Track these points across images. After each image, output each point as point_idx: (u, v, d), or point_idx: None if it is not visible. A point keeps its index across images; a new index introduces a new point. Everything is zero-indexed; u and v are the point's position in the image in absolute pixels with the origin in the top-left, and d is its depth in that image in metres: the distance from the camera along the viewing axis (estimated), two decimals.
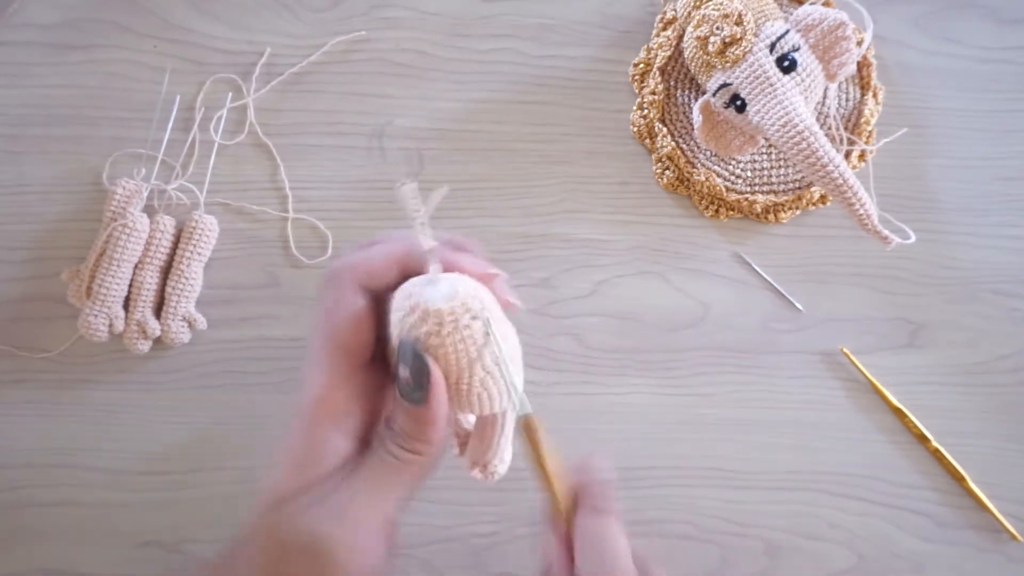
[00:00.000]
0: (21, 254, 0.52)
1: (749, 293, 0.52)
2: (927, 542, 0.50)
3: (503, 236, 0.53)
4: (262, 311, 0.52)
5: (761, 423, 0.51)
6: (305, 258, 0.52)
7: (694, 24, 0.48)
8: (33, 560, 0.50)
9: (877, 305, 0.52)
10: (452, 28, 0.54)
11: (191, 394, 0.51)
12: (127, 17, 0.54)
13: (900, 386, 0.51)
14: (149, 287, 0.50)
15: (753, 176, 0.52)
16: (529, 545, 0.50)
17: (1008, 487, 0.50)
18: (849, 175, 0.45)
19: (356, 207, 0.53)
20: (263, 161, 0.53)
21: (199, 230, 0.50)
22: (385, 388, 0.33)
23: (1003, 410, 0.51)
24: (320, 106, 0.53)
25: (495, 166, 0.53)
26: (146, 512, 0.50)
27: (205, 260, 0.51)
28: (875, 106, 0.52)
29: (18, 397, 0.51)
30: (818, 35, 0.46)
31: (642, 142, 0.53)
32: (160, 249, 0.50)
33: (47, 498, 0.50)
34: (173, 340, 0.50)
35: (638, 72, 0.54)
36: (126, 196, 0.50)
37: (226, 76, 0.54)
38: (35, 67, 0.53)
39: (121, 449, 0.51)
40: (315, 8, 0.54)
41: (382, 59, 0.54)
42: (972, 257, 0.53)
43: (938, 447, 0.50)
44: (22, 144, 0.53)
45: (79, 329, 0.49)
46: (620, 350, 0.52)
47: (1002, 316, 0.52)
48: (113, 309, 0.50)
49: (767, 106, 0.46)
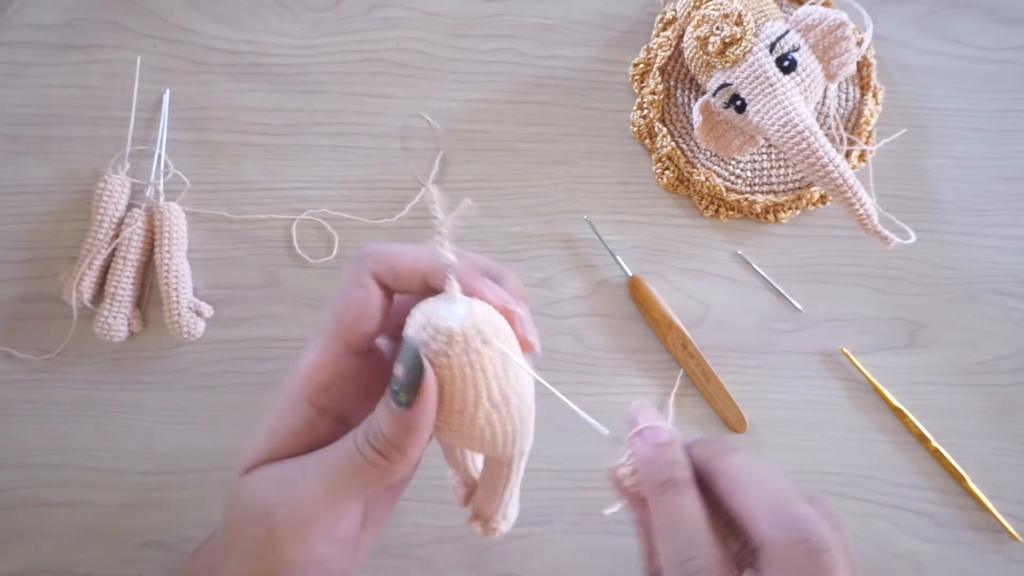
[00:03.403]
0: (21, 254, 0.52)
1: (749, 293, 0.52)
2: (927, 542, 0.50)
3: (503, 236, 0.53)
4: (262, 311, 0.52)
5: (761, 423, 0.51)
6: (309, 257, 0.52)
7: (694, 24, 0.48)
8: (33, 560, 0.50)
9: (877, 305, 0.52)
10: (452, 28, 0.54)
11: (191, 394, 0.51)
12: (127, 17, 0.54)
13: (900, 386, 0.51)
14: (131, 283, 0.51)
15: (753, 176, 0.52)
16: (530, 545, 0.50)
17: (1008, 487, 0.50)
18: (849, 175, 0.45)
19: (357, 207, 0.52)
20: (263, 161, 0.53)
21: (168, 220, 0.50)
22: (380, 383, 0.32)
23: (1003, 410, 0.51)
24: (320, 106, 0.53)
25: (495, 166, 0.53)
26: (146, 512, 0.50)
27: (185, 249, 0.51)
28: (875, 106, 0.52)
29: (18, 397, 0.51)
30: (818, 35, 0.46)
31: (642, 142, 0.53)
32: (135, 244, 0.51)
33: (47, 498, 0.50)
34: (190, 334, 0.50)
35: (638, 72, 0.54)
36: (118, 191, 0.50)
37: (226, 76, 0.54)
38: (35, 67, 0.53)
39: (121, 449, 0.51)
40: (315, 8, 0.54)
41: (382, 59, 0.54)
42: (972, 257, 0.53)
43: (938, 447, 0.50)
44: (22, 144, 0.53)
45: (95, 330, 0.49)
46: (620, 350, 0.52)
47: (1002, 316, 0.52)
48: (130, 309, 0.50)
49: (767, 106, 0.46)
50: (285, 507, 0.29)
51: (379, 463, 0.29)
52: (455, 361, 0.28)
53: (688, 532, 0.27)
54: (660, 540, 0.28)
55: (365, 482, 0.29)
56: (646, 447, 0.30)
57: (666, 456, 0.29)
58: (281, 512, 0.29)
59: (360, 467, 0.29)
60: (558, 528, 0.50)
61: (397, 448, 0.29)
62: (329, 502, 0.29)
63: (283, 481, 0.29)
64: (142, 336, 0.51)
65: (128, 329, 0.50)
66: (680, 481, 0.29)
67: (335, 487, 0.29)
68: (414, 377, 0.28)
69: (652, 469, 0.29)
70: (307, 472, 0.29)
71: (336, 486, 0.29)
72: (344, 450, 0.30)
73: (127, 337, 0.50)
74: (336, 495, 0.29)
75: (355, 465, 0.29)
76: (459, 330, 0.28)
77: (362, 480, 0.29)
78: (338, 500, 0.30)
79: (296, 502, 0.29)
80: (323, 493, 0.29)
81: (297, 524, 0.29)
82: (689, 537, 0.27)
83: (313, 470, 0.30)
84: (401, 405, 0.28)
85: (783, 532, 0.26)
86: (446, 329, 0.28)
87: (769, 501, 0.27)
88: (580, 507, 0.50)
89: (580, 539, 0.50)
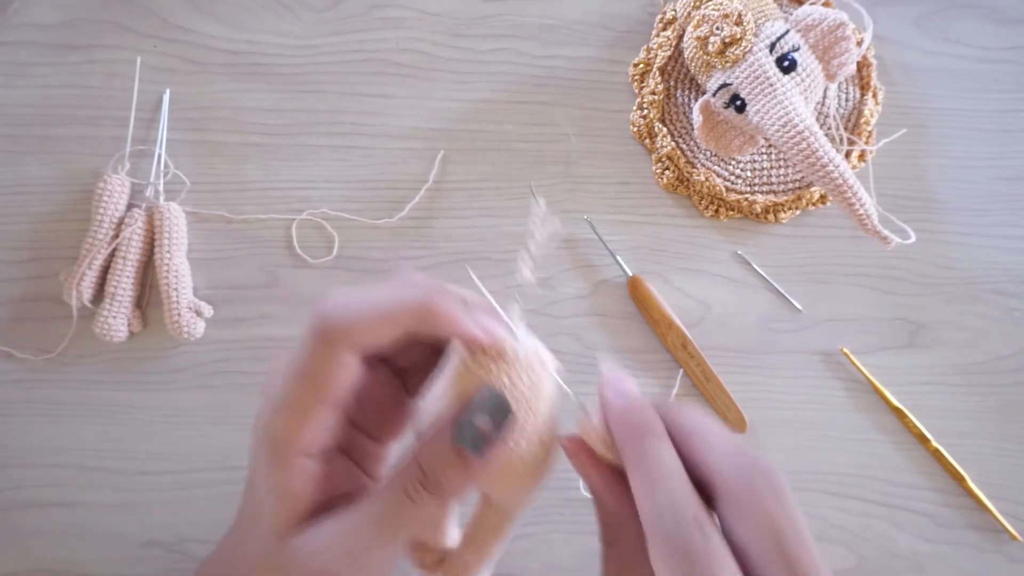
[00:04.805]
0: (21, 254, 0.52)
1: (749, 293, 0.52)
2: (927, 542, 0.50)
3: (503, 236, 0.53)
4: (262, 311, 0.52)
5: (761, 423, 0.51)
6: (309, 257, 0.52)
7: (694, 24, 0.48)
8: (33, 560, 0.50)
9: (877, 305, 0.52)
10: (452, 28, 0.54)
11: (191, 394, 0.51)
12: (127, 17, 0.54)
13: (900, 386, 0.51)
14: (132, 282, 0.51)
15: (753, 176, 0.52)
16: (530, 545, 0.50)
17: (1008, 487, 0.50)
18: (849, 175, 0.45)
19: (357, 207, 0.52)
20: (263, 161, 0.53)
21: (168, 220, 0.50)
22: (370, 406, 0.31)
23: (1003, 410, 0.51)
24: (320, 106, 0.53)
25: (495, 166, 0.53)
26: (146, 512, 0.50)
27: (185, 249, 0.51)
28: (875, 106, 0.52)
29: (18, 397, 0.51)
30: (818, 35, 0.46)
31: (642, 142, 0.53)
32: (134, 244, 0.51)
33: (47, 498, 0.50)
34: (190, 334, 0.50)
35: (638, 72, 0.54)
36: (118, 191, 0.50)
37: (226, 76, 0.54)
38: (35, 67, 0.53)
39: (121, 449, 0.51)
40: (315, 8, 0.54)
41: (382, 59, 0.54)
42: (972, 257, 0.53)
43: (938, 447, 0.50)
44: (22, 144, 0.53)
45: (95, 331, 0.49)
46: (620, 350, 0.52)
47: (1002, 316, 0.52)
48: (130, 309, 0.50)
49: (767, 106, 0.46)
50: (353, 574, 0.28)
51: (430, 503, 0.28)
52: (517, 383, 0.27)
53: (676, 484, 0.26)
54: (642, 497, 0.26)
55: (416, 526, 0.28)
56: (620, 398, 0.28)
57: (641, 406, 0.28)
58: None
59: (411, 511, 0.28)
60: (558, 528, 0.50)
61: (455, 491, 0.28)
62: (387, 553, 0.28)
63: (342, 546, 0.28)
64: (142, 336, 0.51)
65: (128, 329, 0.50)
66: (659, 430, 0.27)
67: (391, 539, 0.28)
68: (501, 428, 0.27)
69: (629, 420, 0.28)
70: (364, 533, 0.28)
71: (392, 537, 0.28)
72: (392, 500, 0.28)
73: (127, 337, 0.51)
74: (392, 549, 0.28)
75: (406, 511, 0.28)
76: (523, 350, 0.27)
77: (413, 524, 0.28)
78: (395, 549, 0.29)
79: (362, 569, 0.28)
80: (382, 549, 0.28)
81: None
82: (678, 489, 0.26)
83: (368, 529, 0.28)
84: (476, 453, 0.27)
85: (745, 469, 0.26)
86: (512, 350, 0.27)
87: (729, 447, 0.27)
88: (580, 507, 0.50)
89: (580, 539, 0.50)
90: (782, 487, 0.25)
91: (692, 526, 0.25)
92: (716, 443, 0.27)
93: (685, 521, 0.25)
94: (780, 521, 0.25)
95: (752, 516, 0.25)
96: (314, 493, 0.29)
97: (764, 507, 0.25)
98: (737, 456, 0.26)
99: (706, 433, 0.27)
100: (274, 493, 0.28)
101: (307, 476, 0.28)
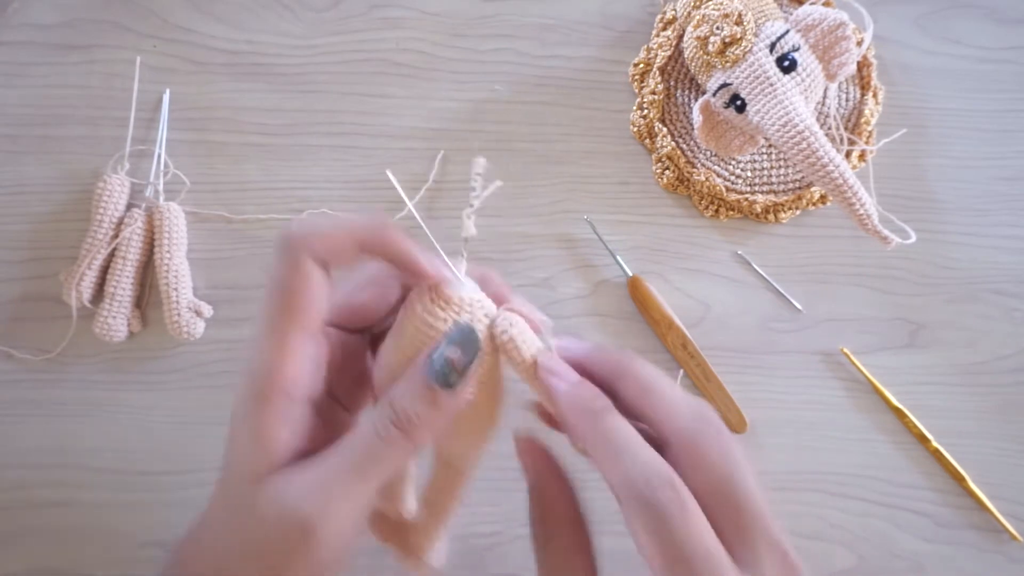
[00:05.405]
0: (21, 254, 0.52)
1: (749, 293, 0.52)
2: (927, 542, 0.50)
3: (503, 236, 0.53)
4: None
5: (761, 423, 0.51)
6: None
7: (694, 24, 0.48)
8: (33, 560, 0.50)
9: (877, 305, 0.52)
10: (452, 28, 0.54)
11: (191, 394, 0.51)
12: (127, 17, 0.54)
13: (900, 386, 0.51)
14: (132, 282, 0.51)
15: (753, 176, 0.52)
16: (530, 545, 0.50)
17: (1008, 487, 0.50)
18: (849, 175, 0.45)
19: (357, 207, 0.52)
20: (263, 161, 0.53)
21: (167, 220, 0.50)
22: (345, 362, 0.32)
23: (1003, 410, 0.51)
24: (320, 106, 0.53)
25: (495, 166, 0.53)
26: (146, 512, 0.50)
27: (185, 249, 0.51)
28: (875, 106, 0.52)
29: (18, 397, 0.51)
30: (818, 35, 0.46)
31: (642, 142, 0.53)
32: (134, 244, 0.51)
33: (47, 498, 0.50)
34: (189, 334, 0.50)
35: (638, 72, 0.54)
36: (118, 191, 0.50)
37: (226, 76, 0.54)
38: (35, 67, 0.53)
39: (121, 449, 0.51)
40: (315, 8, 0.54)
41: (382, 59, 0.54)
42: (972, 257, 0.53)
43: (938, 447, 0.50)
44: (22, 144, 0.53)
45: (95, 330, 0.49)
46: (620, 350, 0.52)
47: (1002, 316, 0.52)
48: (130, 309, 0.50)
49: (767, 106, 0.46)
50: (325, 516, 0.28)
51: (402, 444, 0.29)
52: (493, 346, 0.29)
53: (638, 448, 0.27)
54: (609, 468, 0.28)
55: (388, 467, 0.29)
56: (565, 385, 0.30)
57: (588, 389, 0.30)
58: (324, 519, 0.28)
59: (385, 451, 0.29)
60: None
61: (427, 427, 0.29)
62: (361, 498, 0.29)
63: (313, 488, 0.28)
64: (142, 336, 0.51)
65: (128, 329, 0.50)
66: (608, 405, 0.29)
67: (366, 481, 0.29)
68: (470, 360, 0.28)
69: (579, 404, 0.29)
70: (335, 474, 0.29)
71: (366, 480, 0.29)
72: (364, 441, 0.29)
73: (127, 337, 0.50)
74: (366, 489, 0.29)
75: (380, 450, 0.29)
76: (467, 299, 0.29)
77: (388, 465, 0.29)
78: (368, 494, 0.29)
79: (334, 509, 0.28)
80: (357, 491, 0.29)
81: (339, 529, 0.28)
82: (642, 452, 0.27)
83: (340, 470, 0.29)
84: (448, 387, 0.28)
85: (697, 420, 0.28)
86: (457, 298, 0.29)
87: (679, 401, 0.29)
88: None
89: None
90: (729, 438, 0.28)
91: (663, 484, 0.26)
92: (667, 397, 0.29)
93: (655, 480, 0.26)
94: (730, 469, 0.27)
95: (704, 465, 0.27)
96: (292, 438, 0.29)
97: (714, 458, 0.27)
98: (687, 409, 0.28)
99: (657, 388, 0.29)
100: (251, 436, 0.30)
101: (286, 419, 0.29)
